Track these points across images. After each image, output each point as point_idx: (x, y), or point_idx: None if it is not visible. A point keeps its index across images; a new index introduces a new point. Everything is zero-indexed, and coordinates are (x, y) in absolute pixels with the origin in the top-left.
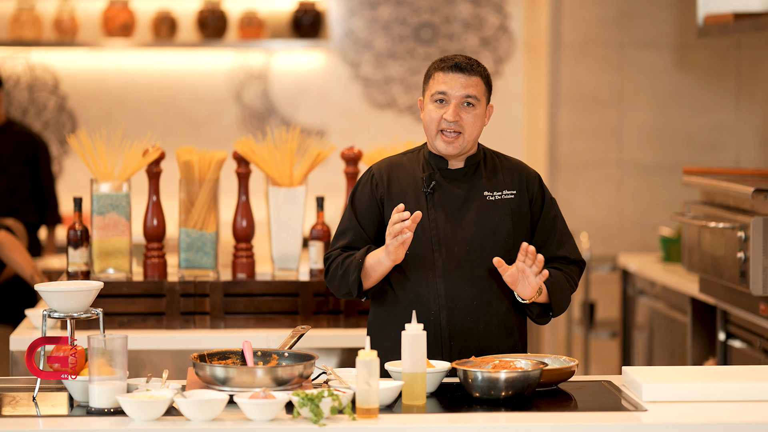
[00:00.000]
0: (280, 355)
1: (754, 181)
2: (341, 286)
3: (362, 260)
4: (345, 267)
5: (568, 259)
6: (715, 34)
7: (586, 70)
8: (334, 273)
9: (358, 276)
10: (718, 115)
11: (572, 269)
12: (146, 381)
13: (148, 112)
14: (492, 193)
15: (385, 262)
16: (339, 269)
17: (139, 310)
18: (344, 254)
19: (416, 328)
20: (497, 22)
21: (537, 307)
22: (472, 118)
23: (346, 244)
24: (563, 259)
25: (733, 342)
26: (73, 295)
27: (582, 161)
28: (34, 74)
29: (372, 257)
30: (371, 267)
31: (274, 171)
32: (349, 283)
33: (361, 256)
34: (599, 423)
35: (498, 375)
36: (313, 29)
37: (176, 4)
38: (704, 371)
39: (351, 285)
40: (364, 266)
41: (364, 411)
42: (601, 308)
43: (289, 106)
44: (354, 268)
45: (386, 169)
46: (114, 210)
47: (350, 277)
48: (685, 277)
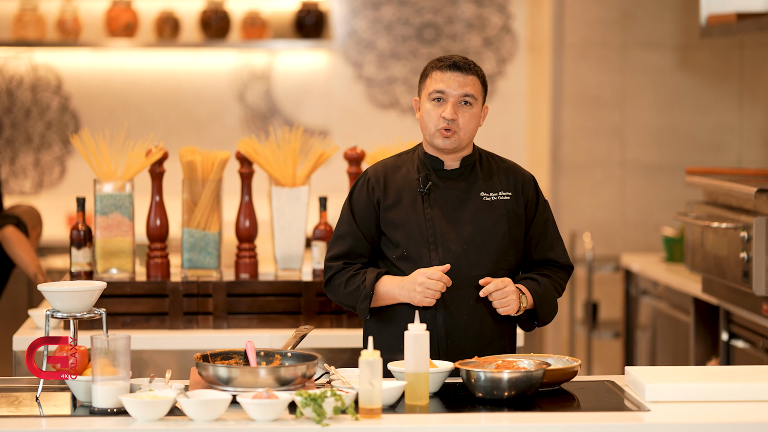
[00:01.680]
0: (282, 355)
1: (756, 181)
2: (345, 303)
3: (371, 291)
4: (351, 289)
5: (557, 263)
6: (717, 35)
7: (589, 70)
8: (338, 289)
9: (369, 305)
10: (721, 116)
11: (561, 275)
12: (149, 381)
13: (151, 112)
14: (488, 194)
15: (399, 298)
16: (343, 287)
17: (142, 310)
18: (348, 269)
19: (419, 329)
20: (500, 22)
21: (524, 314)
22: (468, 117)
23: (347, 251)
24: (552, 262)
25: (736, 342)
26: (76, 295)
27: (585, 161)
28: (37, 74)
29: (385, 289)
30: (383, 297)
31: (277, 171)
32: (358, 310)
33: (370, 285)
34: (602, 423)
35: (501, 375)
36: (316, 29)
37: (179, 5)
38: (707, 371)
39: (360, 312)
40: (375, 294)
41: (367, 411)
42: (604, 308)
43: (292, 107)
44: (363, 297)
45: (382, 171)
46: (117, 210)
47: (359, 305)
48: (688, 277)
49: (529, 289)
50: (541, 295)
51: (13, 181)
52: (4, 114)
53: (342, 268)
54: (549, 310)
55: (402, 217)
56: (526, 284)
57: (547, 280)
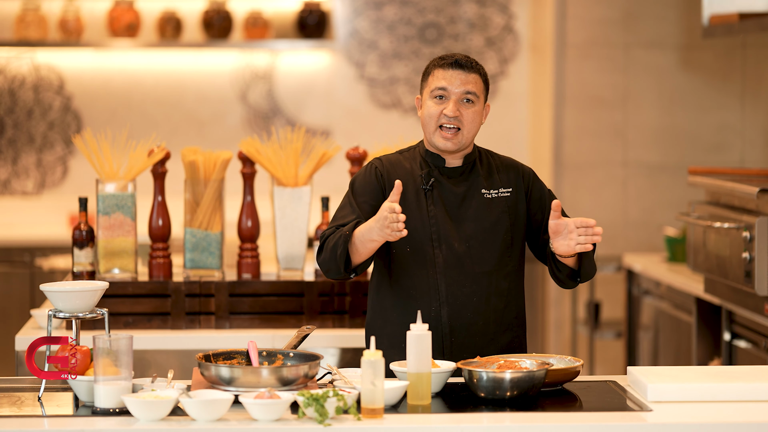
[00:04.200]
0: (285, 355)
1: (759, 181)
2: (330, 262)
3: (350, 233)
4: (334, 241)
5: None
6: (720, 35)
7: (591, 70)
8: (325, 251)
9: (345, 249)
10: (724, 116)
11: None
12: (151, 381)
13: (154, 112)
14: (489, 191)
15: (375, 237)
16: (330, 245)
17: (145, 310)
18: (335, 232)
19: (421, 328)
20: (502, 22)
21: (566, 269)
22: (471, 115)
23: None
24: None
25: (738, 342)
26: (79, 295)
27: (587, 161)
28: (39, 74)
29: (362, 228)
30: (360, 240)
31: (279, 171)
32: (337, 257)
33: (349, 229)
34: (604, 423)
35: (503, 375)
36: (318, 29)
37: (181, 5)
38: (709, 371)
39: (339, 259)
40: (352, 239)
41: (369, 411)
42: (606, 308)
43: (294, 107)
44: (342, 242)
45: (387, 164)
46: (119, 210)
47: (337, 251)
48: (690, 277)
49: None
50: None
51: (15, 181)
52: (7, 114)
53: (333, 231)
54: (590, 266)
55: (405, 214)
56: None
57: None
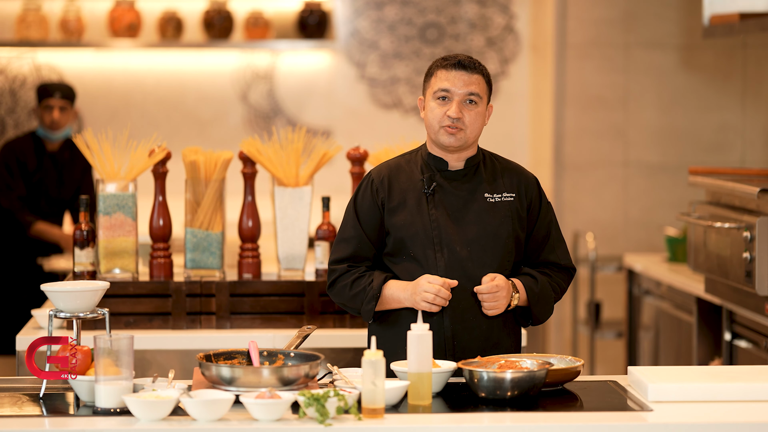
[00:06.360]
0: (285, 355)
1: (759, 181)
2: (348, 306)
3: (378, 292)
4: (357, 290)
5: (559, 264)
6: (720, 35)
7: (592, 70)
8: (342, 291)
9: (374, 306)
10: (724, 116)
11: (561, 276)
12: (152, 381)
13: (154, 112)
14: (492, 195)
15: (404, 302)
16: (348, 289)
17: (145, 310)
18: (352, 271)
19: (422, 328)
20: (503, 22)
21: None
22: (474, 116)
23: (352, 254)
24: (554, 264)
25: (738, 342)
26: (80, 295)
27: (587, 161)
28: (40, 74)
29: (391, 292)
30: (388, 301)
31: (280, 171)
32: (363, 311)
33: (378, 287)
34: (605, 423)
35: (504, 375)
36: (318, 30)
37: (182, 5)
38: (710, 371)
39: (365, 314)
40: (380, 297)
41: (369, 411)
42: (607, 308)
43: (294, 107)
44: (370, 298)
45: (386, 172)
46: (120, 210)
47: (365, 306)
48: (691, 277)
49: (525, 286)
50: (537, 294)
51: None
52: (8, 114)
53: (346, 270)
54: (544, 311)
55: (407, 219)
56: (524, 280)
57: (546, 279)
